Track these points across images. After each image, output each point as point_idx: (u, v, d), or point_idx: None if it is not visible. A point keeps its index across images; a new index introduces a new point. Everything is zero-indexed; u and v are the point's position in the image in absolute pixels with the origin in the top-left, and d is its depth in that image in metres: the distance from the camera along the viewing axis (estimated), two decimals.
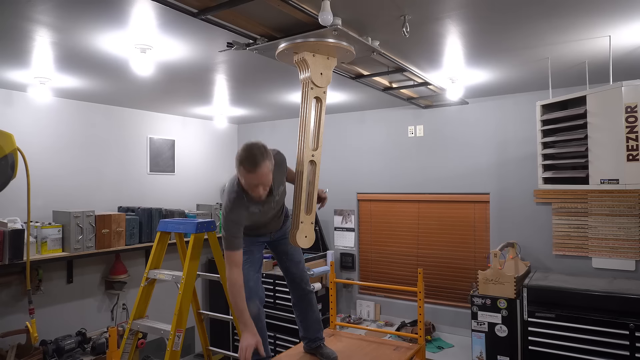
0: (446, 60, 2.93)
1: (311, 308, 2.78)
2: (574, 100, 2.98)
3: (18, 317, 3.61)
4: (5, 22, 2.19)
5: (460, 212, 4.33)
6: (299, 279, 2.71)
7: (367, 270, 4.89)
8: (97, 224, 3.79)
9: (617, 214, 3.52)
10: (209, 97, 4.10)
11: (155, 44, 2.56)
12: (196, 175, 5.25)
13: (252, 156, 2.11)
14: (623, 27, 2.36)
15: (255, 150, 2.13)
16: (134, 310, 2.93)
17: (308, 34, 2.22)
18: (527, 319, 3.21)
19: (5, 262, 3.21)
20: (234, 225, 2.26)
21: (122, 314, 4.37)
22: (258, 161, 2.11)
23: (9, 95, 3.66)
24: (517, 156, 3.97)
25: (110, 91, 3.77)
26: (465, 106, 4.24)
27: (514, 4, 2.08)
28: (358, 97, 4.13)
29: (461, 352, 3.84)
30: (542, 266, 3.82)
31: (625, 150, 2.65)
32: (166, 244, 3.04)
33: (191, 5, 1.97)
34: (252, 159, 2.11)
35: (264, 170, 2.13)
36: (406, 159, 4.58)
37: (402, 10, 2.12)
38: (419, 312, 3.36)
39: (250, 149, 2.14)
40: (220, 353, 3.24)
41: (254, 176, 2.13)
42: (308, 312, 2.76)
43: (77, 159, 4.11)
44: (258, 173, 2.12)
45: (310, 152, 2.46)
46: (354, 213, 4.91)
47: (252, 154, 2.12)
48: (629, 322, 2.88)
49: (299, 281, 2.71)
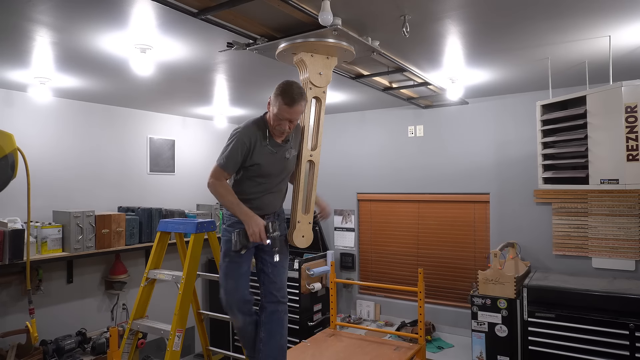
0: (446, 60, 2.93)
1: (280, 331, 2.45)
2: (574, 100, 2.98)
3: (18, 317, 3.61)
4: (5, 22, 2.20)
5: (460, 212, 4.33)
6: (276, 289, 2.46)
7: (367, 270, 4.89)
8: (97, 224, 3.79)
9: (617, 214, 3.52)
10: (209, 97, 4.10)
11: (155, 44, 2.56)
12: (196, 175, 5.25)
13: (294, 90, 2.16)
14: (623, 27, 2.36)
15: (296, 88, 2.19)
16: (134, 310, 2.93)
17: (308, 34, 2.23)
18: (527, 319, 3.21)
19: (5, 262, 3.21)
20: (240, 146, 2.24)
21: (122, 314, 4.37)
22: (297, 97, 2.16)
23: (9, 95, 3.66)
24: (517, 156, 3.97)
25: (110, 91, 3.77)
26: (465, 106, 4.24)
27: (514, 4, 2.08)
28: (358, 97, 4.13)
29: (461, 352, 3.84)
30: (542, 266, 3.82)
31: (625, 150, 2.65)
32: (166, 244, 3.04)
33: (191, 5, 1.98)
34: (292, 93, 2.15)
35: (299, 108, 2.19)
36: (406, 159, 4.58)
37: (402, 10, 2.12)
38: (419, 312, 3.36)
39: (292, 84, 2.19)
40: (220, 353, 3.24)
41: (290, 110, 2.16)
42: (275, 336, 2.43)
43: (77, 159, 4.11)
44: (294, 108, 2.17)
45: (309, 152, 2.46)
46: (354, 213, 4.91)
47: (294, 88, 2.17)
48: (629, 322, 2.88)
49: (276, 291, 2.46)
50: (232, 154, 2.25)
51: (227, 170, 2.29)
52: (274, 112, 2.21)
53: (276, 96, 2.19)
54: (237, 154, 2.25)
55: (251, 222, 2.21)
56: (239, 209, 2.25)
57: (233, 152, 2.25)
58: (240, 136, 2.26)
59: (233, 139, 2.27)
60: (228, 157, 2.26)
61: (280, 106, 2.17)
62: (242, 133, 2.27)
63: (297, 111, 2.19)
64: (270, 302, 2.46)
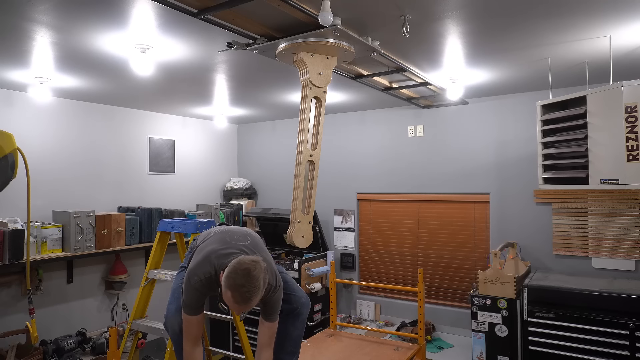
0: (446, 60, 2.93)
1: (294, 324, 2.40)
2: (574, 100, 2.98)
3: (18, 317, 3.61)
4: (5, 22, 2.20)
5: (460, 212, 4.33)
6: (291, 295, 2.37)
7: (367, 270, 4.89)
8: (97, 224, 3.79)
9: (617, 214, 3.51)
10: (209, 97, 4.10)
11: (155, 44, 2.56)
12: (196, 175, 5.25)
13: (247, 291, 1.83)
14: (623, 27, 2.36)
15: (253, 285, 1.83)
16: (134, 310, 2.93)
17: (308, 34, 2.22)
18: (527, 319, 3.21)
19: (5, 262, 3.21)
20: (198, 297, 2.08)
21: (122, 314, 4.37)
22: (251, 298, 1.85)
23: (9, 95, 3.66)
24: (517, 156, 3.97)
25: (110, 91, 3.77)
26: (465, 106, 4.24)
27: (514, 4, 2.08)
28: (358, 97, 4.13)
29: (461, 352, 3.84)
30: (542, 266, 3.82)
31: (625, 150, 2.65)
32: (166, 244, 3.04)
33: (191, 5, 1.98)
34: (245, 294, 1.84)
35: (251, 305, 1.88)
36: (406, 159, 4.58)
37: (402, 10, 2.12)
38: (419, 312, 3.36)
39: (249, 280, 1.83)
40: (220, 353, 3.23)
41: (238, 307, 1.89)
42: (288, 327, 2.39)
43: (77, 158, 4.11)
44: (245, 307, 1.88)
45: (309, 152, 2.46)
46: (354, 213, 4.91)
47: (249, 287, 1.83)
48: (629, 322, 2.88)
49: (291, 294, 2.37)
50: (193, 302, 2.08)
51: (196, 315, 2.09)
52: (225, 298, 1.90)
53: (225, 287, 1.86)
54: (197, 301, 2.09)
55: None
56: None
57: (193, 300, 2.07)
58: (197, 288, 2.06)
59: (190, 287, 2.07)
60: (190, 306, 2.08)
61: (229, 300, 1.87)
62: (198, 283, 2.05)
63: (251, 305, 1.88)
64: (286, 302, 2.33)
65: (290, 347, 2.41)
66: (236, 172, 5.85)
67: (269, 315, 2.15)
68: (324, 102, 2.48)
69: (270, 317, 2.15)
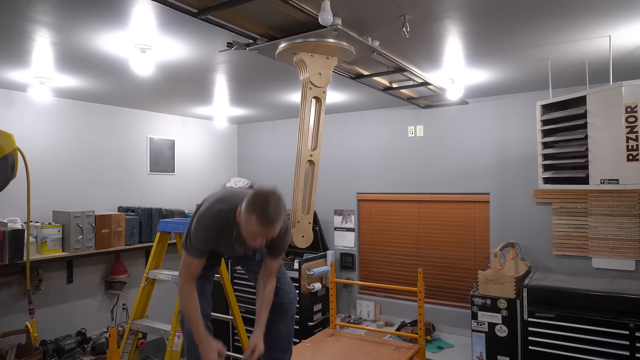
0: (446, 60, 2.93)
1: (283, 320, 2.37)
2: (574, 100, 2.98)
3: (18, 317, 3.61)
4: (5, 22, 2.20)
5: (460, 212, 4.33)
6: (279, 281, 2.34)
7: (367, 270, 4.89)
8: (97, 224, 3.79)
9: (617, 214, 3.51)
10: (209, 97, 4.10)
11: (155, 44, 2.57)
12: (196, 175, 5.25)
13: (273, 211, 1.85)
14: (623, 27, 2.36)
15: (278, 206, 1.87)
16: (134, 310, 2.93)
17: (308, 34, 2.23)
18: (527, 319, 3.21)
19: (5, 262, 3.21)
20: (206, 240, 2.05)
21: (122, 314, 4.37)
22: (277, 219, 1.87)
23: (9, 95, 3.66)
24: (517, 156, 3.97)
25: (110, 91, 3.77)
26: (465, 106, 4.24)
27: (514, 4, 2.08)
28: (358, 97, 4.13)
29: (461, 352, 3.84)
30: (542, 266, 3.82)
31: (625, 150, 2.65)
32: (166, 244, 3.04)
33: (191, 5, 1.98)
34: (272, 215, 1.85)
35: (276, 229, 1.90)
36: (406, 159, 4.58)
37: (402, 10, 2.12)
38: (419, 312, 3.36)
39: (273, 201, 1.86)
40: None
41: (264, 230, 1.88)
42: (278, 324, 2.35)
43: (77, 158, 4.11)
44: (271, 230, 1.89)
45: (309, 151, 2.46)
46: (354, 213, 4.91)
47: (275, 208, 1.85)
48: (629, 322, 2.87)
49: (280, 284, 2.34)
50: (200, 244, 2.05)
51: (200, 258, 2.08)
52: (246, 228, 1.91)
53: (249, 213, 1.86)
54: (205, 244, 2.06)
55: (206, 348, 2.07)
56: (197, 331, 2.08)
57: (201, 242, 2.04)
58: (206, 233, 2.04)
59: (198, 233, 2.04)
60: (197, 248, 2.05)
61: (254, 224, 1.86)
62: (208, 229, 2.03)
63: (274, 231, 1.91)
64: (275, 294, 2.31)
65: (283, 344, 2.41)
66: (236, 172, 5.85)
67: (277, 254, 2.24)
68: (324, 102, 2.49)
69: (278, 256, 2.25)
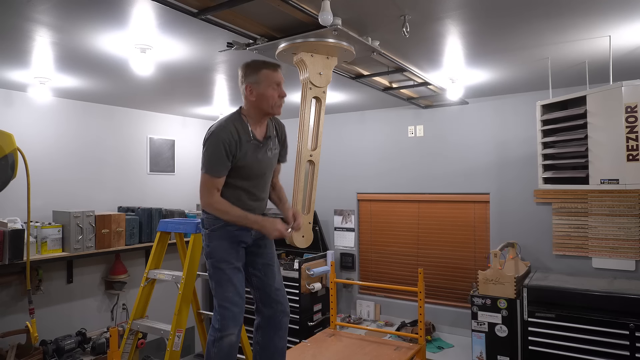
0: (446, 60, 2.93)
1: (278, 334, 2.28)
2: (574, 100, 2.98)
3: (18, 317, 3.61)
4: (5, 22, 2.20)
5: (460, 212, 4.33)
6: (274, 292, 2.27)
7: (367, 270, 4.89)
8: (97, 224, 3.79)
9: (617, 214, 3.51)
10: (209, 97, 4.10)
11: (155, 44, 2.56)
12: (196, 175, 5.22)
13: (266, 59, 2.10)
14: (623, 27, 2.36)
15: None
16: (134, 310, 2.93)
17: (308, 34, 2.23)
18: (527, 319, 3.21)
19: (5, 262, 3.21)
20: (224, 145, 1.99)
21: (122, 314, 4.37)
22: (275, 62, 2.11)
23: (9, 95, 3.66)
24: (517, 156, 3.97)
25: (110, 91, 3.77)
26: (465, 106, 4.24)
27: (514, 4, 2.08)
28: (358, 97, 4.13)
29: (461, 352, 3.84)
30: (542, 266, 3.82)
31: (625, 150, 2.65)
32: (166, 244, 3.04)
33: (191, 5, 1.98)
34: (268, 61, 2.10)
35: (281, 73, 2.11)
36: (406, 159, 4.58)
37: (402, 10, 2.12)
38: (419, 312, 3.36)
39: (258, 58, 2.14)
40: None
41: (277, 74, 2.09)
42: (274, 338, 2.28)
43: (77, 158, 4.11)
44: (280, 73, 2.10)
45: (309, 151, 2.46)
46: (354, 213, 4.91)
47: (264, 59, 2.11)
48: (629, 322, 2.87)
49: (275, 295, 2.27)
50: (218, 157, 2.01)
51: (219, 176, 2.05)
52: (262, 88, 2.05)
53: (256, 70, 2.06)
54: (223, 154, 2.01)
55: (269, 226, 2.07)
56: (249, 220, 2.07)
57: (218, 154, 2.00)
58: (220, 135, 2.00)
59: (213, 140, 2.01)
60: (215, 162, 2.02)
61: (268, 74, 2.06)
62: (221, 131, 2.01)
63: (281, 76, 2.11)
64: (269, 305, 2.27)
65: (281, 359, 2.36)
66: None
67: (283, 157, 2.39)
68: (324, 102, 2.49)
69: (285, 158, 2.41)
